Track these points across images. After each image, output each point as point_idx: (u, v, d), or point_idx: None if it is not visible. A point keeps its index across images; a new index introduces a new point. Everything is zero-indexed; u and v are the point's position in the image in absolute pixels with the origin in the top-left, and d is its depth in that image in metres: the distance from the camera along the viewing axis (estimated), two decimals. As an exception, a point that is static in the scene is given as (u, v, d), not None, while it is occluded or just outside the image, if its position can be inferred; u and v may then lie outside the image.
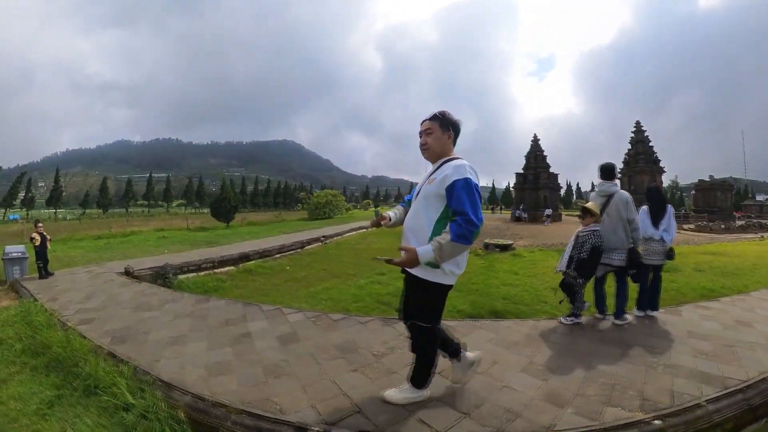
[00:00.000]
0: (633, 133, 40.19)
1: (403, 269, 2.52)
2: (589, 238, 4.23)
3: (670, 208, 4.89)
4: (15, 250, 8.06)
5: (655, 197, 4.91)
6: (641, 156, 38.33)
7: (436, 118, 2.49)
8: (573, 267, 4.27)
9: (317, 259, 11.43)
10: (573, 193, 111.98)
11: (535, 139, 38.74)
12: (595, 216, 4.38)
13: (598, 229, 4.31)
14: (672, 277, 5.07)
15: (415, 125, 2.58)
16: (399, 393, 2.69)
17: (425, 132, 2.50)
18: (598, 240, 4.25)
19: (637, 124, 40.20)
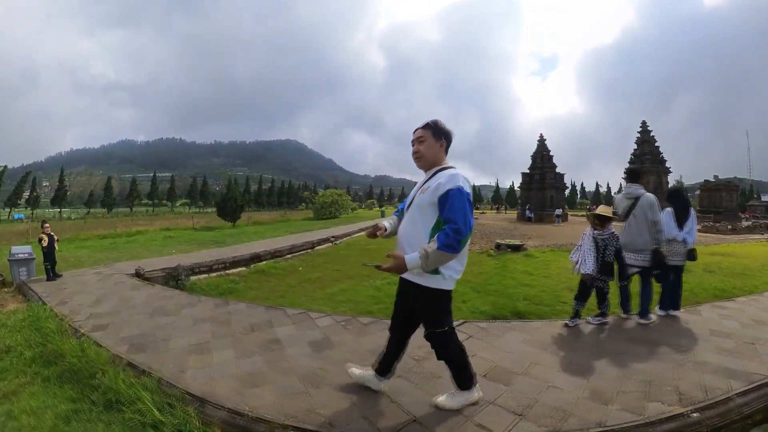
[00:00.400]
0: (639, 133, 39.89)
1: (400, 278, 2.55)
2: (611, 241, 4.30)
3: (692, 210, 4.98)
4: (21, 250, 7.76)
5: (680, 199, 4.96)
6: (647, 156, 38.15)
7: (428, 126, 2.51)
8: (599, 270, 4.28)
9: (329, 260, 11.21)
10: (577, 193, 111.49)
11: (542, 139, 38.43)
12: (612, 220, 4.45)
13: (615, 232, 4.39)
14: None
15: (420, 124, 2.57)
16: (451, 399, 2.64)
17: (418, 140, 2.53)
18: (618, 242, 4.38)
19: (643, 123, 39.86)
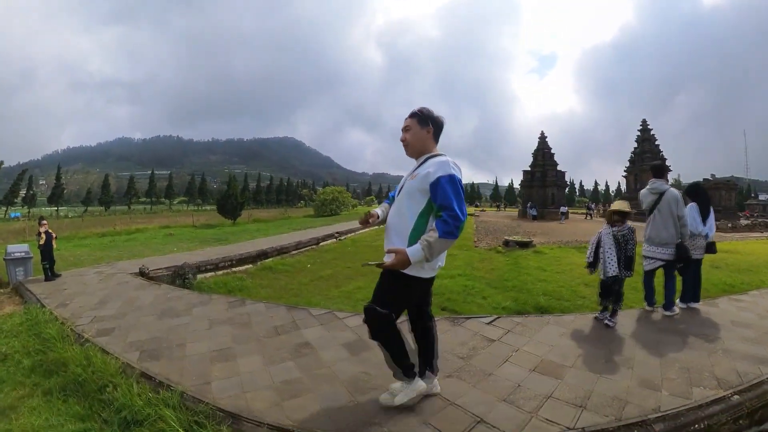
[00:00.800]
0: (639, 132, 40.04)
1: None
2: (630, 235, 4.30)
3: (710, 206, 5.16)
4: (18, 249, 7.30)
5: (702, 195, 5.11)
6: (647, 155, 38.14)
7: (414, 114, 2.52)
8: (623, 266, 4.28)
9: (337, 256, 10.88)
10: (576, 191, 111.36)
11: (543, 137, 38.26)
12: (630, 214, 4.46)
13: (631, 226, 4.39)
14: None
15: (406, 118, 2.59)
16: (397, 395, 2.57)
17: (404, 129, 2.54)
18: (635, 236, 4.38)
19: (644, 122, 39.99)
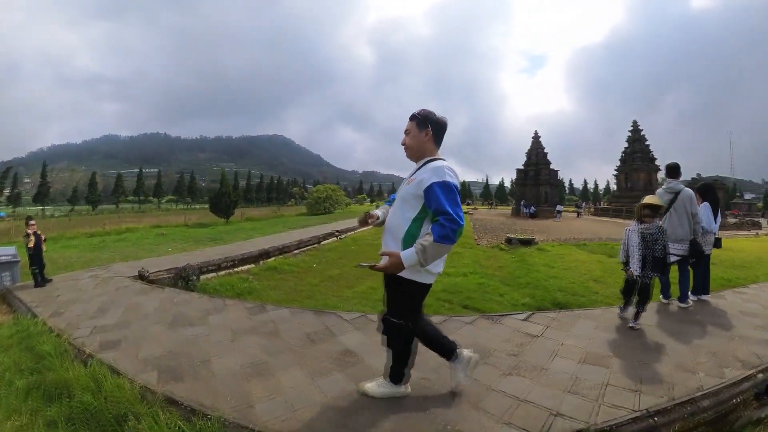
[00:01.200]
0: (630, 132, 40.74)
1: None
2: (660, 235, 4.11)
3: (719, 205, 5.52)
4: (4, 252, 6.57)
5: (713, 195, 5.41)
6: (638, 154, 39.01)
7: (413, 117, 2.49)
8: (649, 267, 4.11)
9: (341, 255, 10.47)
10: (565, 190, 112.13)
11: (536, 136, 38.87)
12: (662, 208, 4.32)
13: (662, 225, 4.28)
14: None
15: (407, 121, 2.53)
16: (377, 387, 2.69)
17: (405, 132, 2.52)
18: (666, 236, 4.22)
19: (635, 123, 40.67)
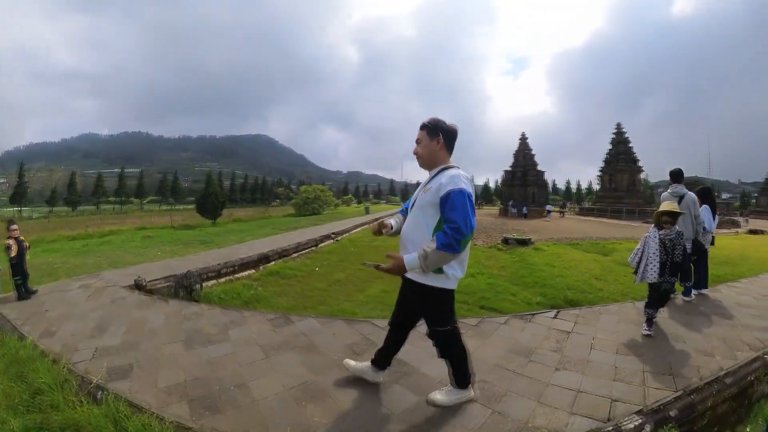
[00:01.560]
0: (614, 135, 41.81)
1: (403, 277, 2.51)
2: (678, 240, 4.06)
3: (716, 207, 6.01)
4: None
5: (712, 198, 5.89)
6: (622, 156, 40.17)
7: (424, 126, 2.52)
8: (668, 273, 4.05)
9: (342, 258, 10.09)
10: (549, 190, 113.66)
11: (524, 138, 39.72)
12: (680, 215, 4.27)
13: (681, 231, 4.22)
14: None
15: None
16: (447, 395, 2.63)
17: (416, 141, 2.54)
18: (684, 241, 4.21)
19: (618, 126, 41.80)
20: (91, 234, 18.98)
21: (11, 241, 5.74)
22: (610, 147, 41.85)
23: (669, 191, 5.49)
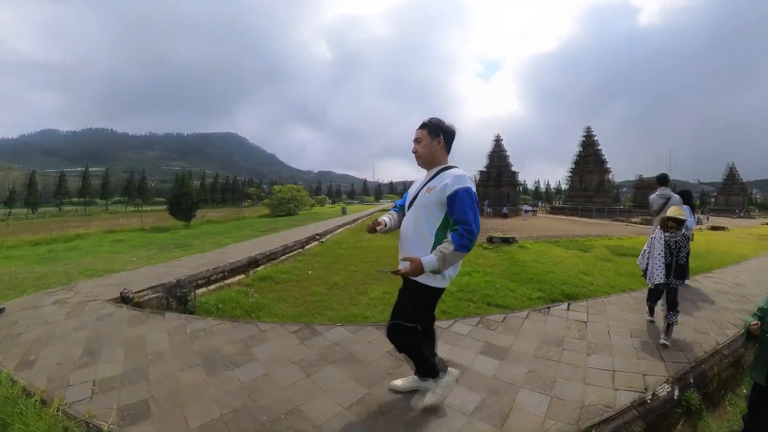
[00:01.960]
0: (584, 137, 42.98)
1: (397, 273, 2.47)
2: (684, 242, 4.16)
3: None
4: None
5: (690, 199, 6.27)
6: (591, 158, 41.52)
7: (425, 125, 2.52)
8: (673, 275, 4.12)
9: (333, 260, 9.65)
10: (520, 190, 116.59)
11: (498, 139, 40.10)
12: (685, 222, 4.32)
13: (687, 233, 4.28)
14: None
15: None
16: (432, 396, 2.58)
17: (416, 141, 2.53)
18: (688, 244, 4.26)
19: (588, 129, 42.90)
20: (56, 238, 17.51)
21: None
22: (579, 149, 43.18)
23: (657, 193, 5.90)
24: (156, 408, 2.55)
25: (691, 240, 6.27)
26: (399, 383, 2.84)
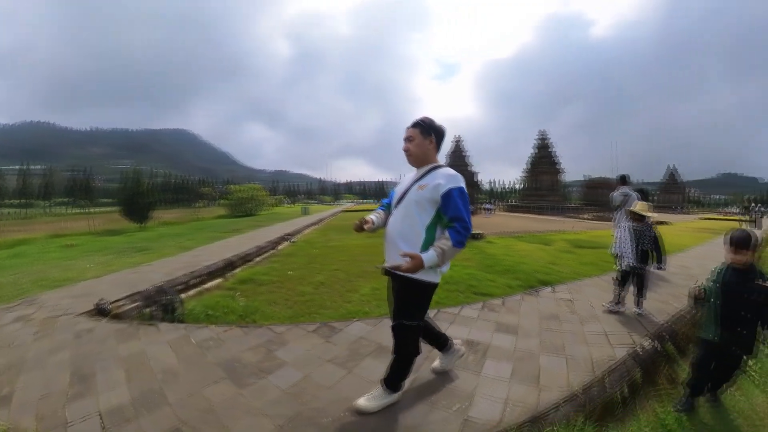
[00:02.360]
0: (538, 140, 44.96)
1: (387, 272, 2.51)
2: (646, 230, 4.80)
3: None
4: None
5: (646, 197, 6.53)
6: (545, 159, 43.48)
7: (417, 125, 2.53)
8: (639, 259, 4.79)
9: (309, 260, 9.30)
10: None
11: (457, 140, 41.04)
12: (648, 217, 4.94)
13: (650, 222, 4.92)
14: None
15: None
16: (372, 400, 2.51)
17: (407, 139, 2.54)
18: (653, 231, 4.82)
19: (542, 132, 44.84)
20: (-5, 244, 15.73)
21: None
22: (534, 151, 44.95)
23: (619, 191, 6.22)
24: (193, 436, 2.15)
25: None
26: (437, 364, 3.07)
